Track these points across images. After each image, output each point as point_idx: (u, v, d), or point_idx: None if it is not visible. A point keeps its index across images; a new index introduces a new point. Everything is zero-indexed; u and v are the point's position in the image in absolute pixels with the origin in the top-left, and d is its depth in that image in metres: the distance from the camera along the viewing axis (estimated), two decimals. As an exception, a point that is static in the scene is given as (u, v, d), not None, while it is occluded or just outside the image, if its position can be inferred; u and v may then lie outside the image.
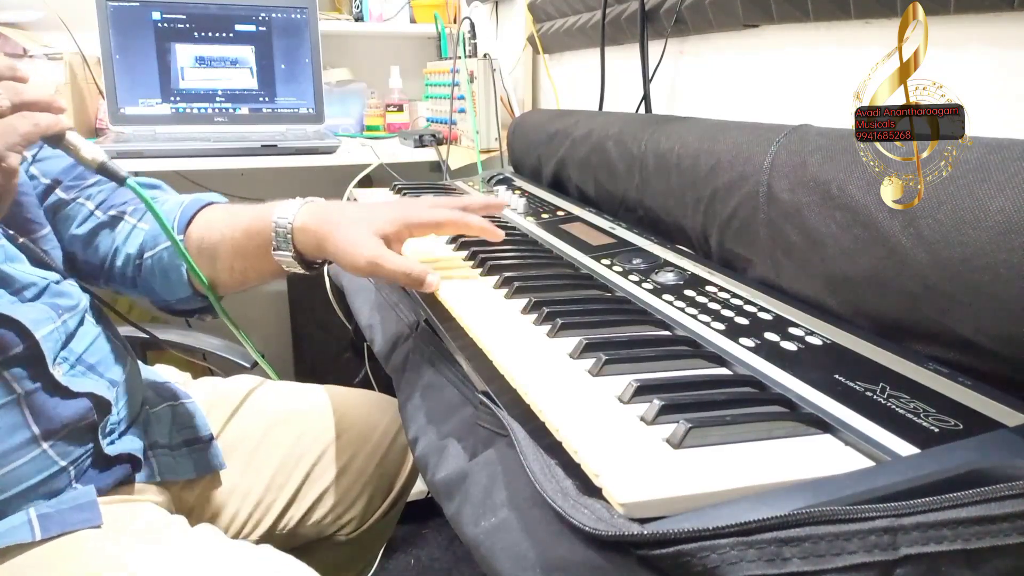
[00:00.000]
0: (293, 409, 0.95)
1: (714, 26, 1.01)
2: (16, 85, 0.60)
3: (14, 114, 0.58)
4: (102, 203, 0.79)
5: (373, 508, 0.96)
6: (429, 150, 1.57)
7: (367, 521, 0.95)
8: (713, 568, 0.33)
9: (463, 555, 1.60)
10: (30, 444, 0.65)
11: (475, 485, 0.49)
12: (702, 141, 0.81)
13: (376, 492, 0.96)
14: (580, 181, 1.10)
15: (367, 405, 0.99)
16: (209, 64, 1.60)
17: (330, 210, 0.71)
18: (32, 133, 0.59)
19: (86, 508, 0.67)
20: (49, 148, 0.67)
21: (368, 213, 0.70)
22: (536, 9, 1.53)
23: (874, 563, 0.35)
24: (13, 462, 0.65)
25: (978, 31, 0.67)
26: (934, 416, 0.45)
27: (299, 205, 0.71)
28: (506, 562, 0.41)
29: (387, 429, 0.97)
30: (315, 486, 0.90)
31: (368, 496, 0.94)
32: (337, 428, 0.94)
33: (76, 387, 0.68)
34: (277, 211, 0.71)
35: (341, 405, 0.97)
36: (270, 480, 0.88)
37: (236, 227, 0.74)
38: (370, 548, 1.04)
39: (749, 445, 0.43)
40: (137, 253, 0.78)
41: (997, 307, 0.49)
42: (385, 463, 0.96)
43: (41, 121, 0.59)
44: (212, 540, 0.70)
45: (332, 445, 0.93)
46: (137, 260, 0.78)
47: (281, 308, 1.99)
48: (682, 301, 0.66)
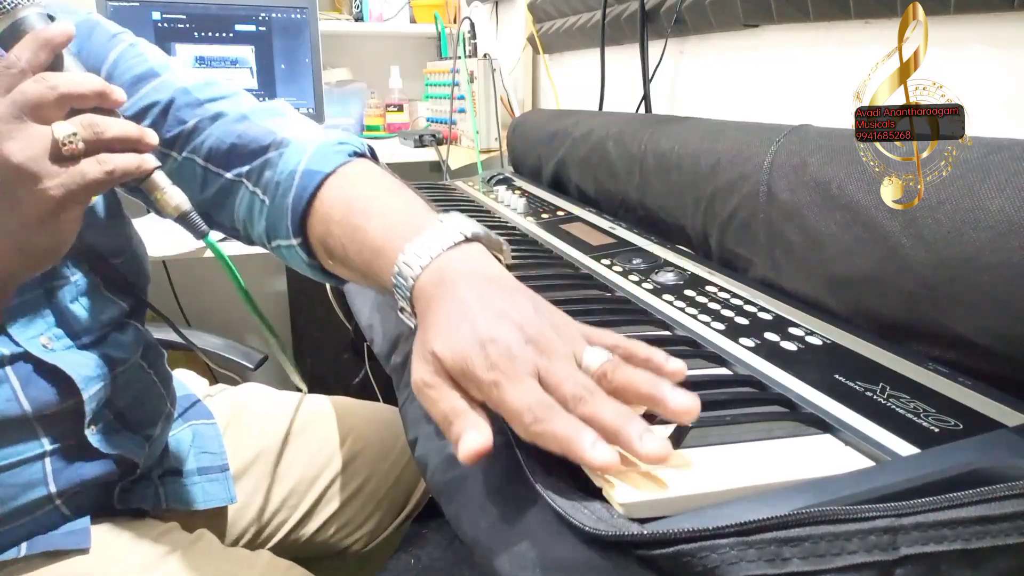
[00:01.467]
0: (309, 425, 0.92)
1: (714, 26, 1.01)
2: (96, 119, 0.49)
3: (88, 158, 0.48)
4: (209, 151, 0.63)
5: (384, 525, 0.94)
6: (429, 150, 1.57)
7: (377, 537, 0.93)
8: (713, 568, 0.33)
9: (463, 555, 1.60)
10: (44, 503, 0.63)
11: (475, 485, 0.49)
12: (702, 141, 0.81)
13: (389, 510, 0.94)
14: (580, 181, 1.10)
15: (384, 421, 0.96)
16: (209, 64, 1.60)
17: (458, 268, 0.45)
18: (104, 183, 0.48)
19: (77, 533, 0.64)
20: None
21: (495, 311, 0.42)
22: (536, 9, 1.53)
23: (874, 563, 0.35)
24: (23, 518, 0.62)
25: (978, 31, 0.67)
26: (934, 416, 0.45)
27: (437, 247, 0.46)
28: (506, 562, 0.41)
29: (404, 449, 0.93)
30: (329, 505, 0.88)
31: (381, 514, 0.93)
32: (354, 447, 0.91)
33: (106, 448, 0.65)
34: (405, 254, 0.47)
35: (359, 422, 0.94)
36: (284, 499, 0.86)
37: (355, 255, 0.52)
38: (377, 560, 1.03)
39: (749, 445, 0.43)
40: (266, 237, 0.63)
41: (997, 307, 0.49)
42: (400, 482, 0.94)
43: (119, 167, 0.49)
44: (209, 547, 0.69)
45: (349, 465, 0.90)
46: (267, 243, 0.64)
47: (281, 308, 1.99)
48: (682, 301, 0.66)
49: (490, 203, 1.09)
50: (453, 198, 1.15)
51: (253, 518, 0.85)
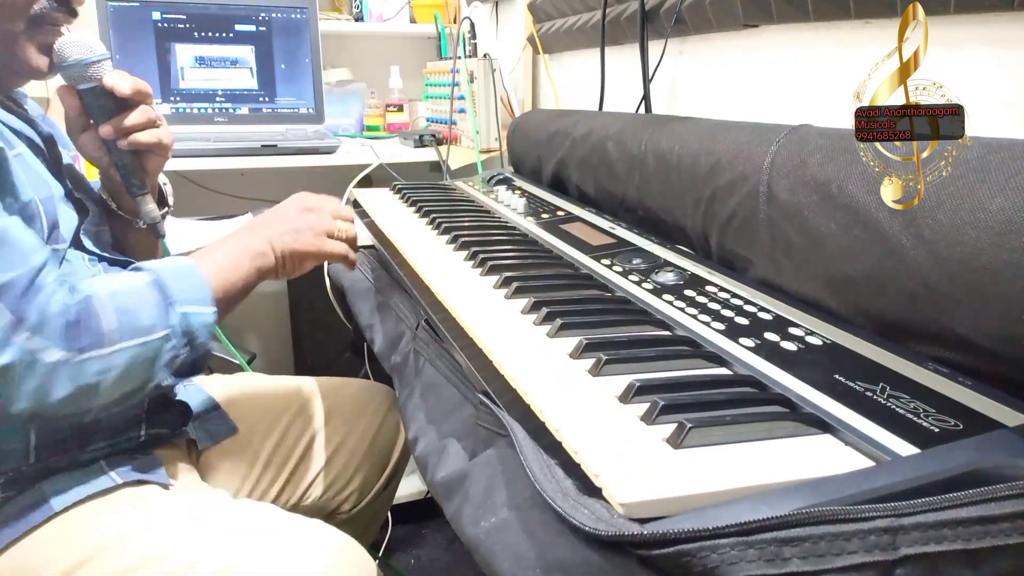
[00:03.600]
0: (285, 396, 1.00)
1: (714, 26, 1.01)
2: (351, 225, 0.83)
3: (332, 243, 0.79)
4: None
5: (370, 484, 1.01)
6: (429, 150, 1.57)
7: (365, 496, 1.01)
8: (713, 568, 0.33)
9: (463, 555, 1.60)
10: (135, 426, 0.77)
11: (475, 485, 0.49)
12: (702, 141, 0.81)
13: (372, 469, 1.01)
14: (580, 181, 1.10)
15: (356, 389, 1.06)
16: (209, 64, 1.60)
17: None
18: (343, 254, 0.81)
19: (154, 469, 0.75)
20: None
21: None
22: (536, 9, 1.53)
23: (874, 563, 0.35)
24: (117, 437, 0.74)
25: (978, 31, 0.67)
26: (934, 416, 0.45)
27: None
28: (506, 562, 0.41)
29: (377, 409, 1.03)
30: (312, 464, 0.96)
31: (364, 472, 1.00)
32: (328, 411, 1.00)
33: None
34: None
35: (331, 391, 1.03)
36: (267, 461, 0.93)
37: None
38: (369, 525, 1.09)
39: (749, 445, 0.43)
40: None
41: (997, 307, 0.49)
42: (378, 440, 1.01)
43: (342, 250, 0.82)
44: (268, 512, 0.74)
45: (325, 427, 0.98)
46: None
47: (281, 308, 1.99)
48: (682, 301, 0.66)
49: (490, 203, 1.09)
50: (453, 198, 1.15)
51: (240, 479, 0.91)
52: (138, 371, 0.63)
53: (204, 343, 0.68)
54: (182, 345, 0.66)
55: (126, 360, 0.62)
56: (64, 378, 0.59)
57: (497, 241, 0.86)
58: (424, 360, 0.70)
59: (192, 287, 0.68)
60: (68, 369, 0.59)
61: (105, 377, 0.61)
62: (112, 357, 0.61)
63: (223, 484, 0.88)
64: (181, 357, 0.67)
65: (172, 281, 0.67)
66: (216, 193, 1.70)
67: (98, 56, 0.74)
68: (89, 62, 0.73)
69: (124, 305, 0.63)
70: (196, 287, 0.68)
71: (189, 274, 0.69)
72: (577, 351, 0.55)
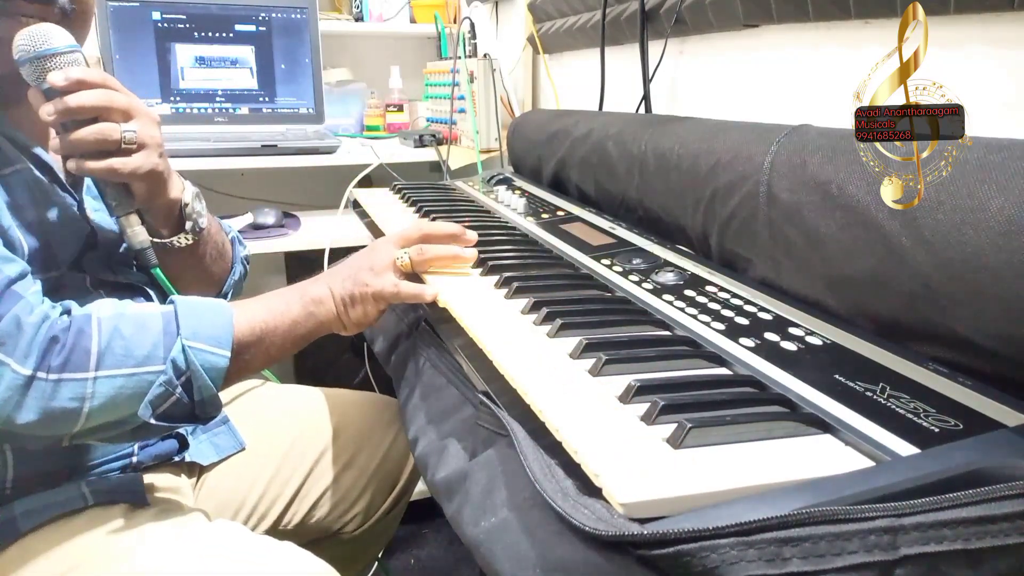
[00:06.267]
0: (293, 410, 0.95)
1: (714, 26, 1.01)
2: (424, 248, 0.72)
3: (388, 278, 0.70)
4: None
5: (376, 505, 0.96)
6: (429, 150, 1.57)
7: (371, 518, 0.96)
8: (713, 568, 0.33)
9: (463, 555, 1.60)
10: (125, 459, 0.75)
11: (475, 485, 0.49)
12: (702, 141, 0.81)
13: (379, 489, 0.96)
14: (580, 181, 1.10)
15: (366, 405, 1.00)
16: (209, 64, 1.60)
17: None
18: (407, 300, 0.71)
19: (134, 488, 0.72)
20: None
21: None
22: (536, 9, 1.53)
23: (874, 563, 0.35)
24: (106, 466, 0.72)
25: (978, 31, 0.67)
26: (934, 416, 0.45)
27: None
28: (506, 562, 0.41)
29: (387, 428, 0.98)
30: (318, 483, 0.91)
31: (371, 493, 0.95)
32: (337, 427, 0.95)
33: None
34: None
35: (340, 405, 0.98)
36: (271, 477, 0.89)
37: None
38: (373, 545, 1.05)
39: (749, 445, 0.43)
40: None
41: (997, 307, 0.49)
42: (387, 461, 0.97)
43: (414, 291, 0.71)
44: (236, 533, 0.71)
45: (333, 443, 0.93)
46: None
47: (281, 308, 1.99)
48: (682, 301, 0.66)
49: (490, 203, 1.09)
50: (453, 198, 1.15)
51: (245, 492, 0.87)
52: (123, 403, 0.58)
53: (207, 388, 0.60)
54: (176, 384, 0.59)
55: (110, 389, 0.57)
56: (34, 396, 0.55)
57: (497, 241, 0.86)
58: (424, 360, 0.70)
59: (209, 324, 0.62)
60: (39, 386, 0.55)
61: (83, 404, 0.56)
62: (94, 383, 0.56)
63: (224, 500, 0.85)
64: (174, 398, 0.60)
65: (188, 314, 0.61)
66: (216, 193, 1.70)
67: (51, 49, 0.61)
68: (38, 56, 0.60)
69: (122, 330, 0.58)
70: (214, 325, 0.62)
71: (212, 311, 0.63)
72: (577, 351, 0.55)
